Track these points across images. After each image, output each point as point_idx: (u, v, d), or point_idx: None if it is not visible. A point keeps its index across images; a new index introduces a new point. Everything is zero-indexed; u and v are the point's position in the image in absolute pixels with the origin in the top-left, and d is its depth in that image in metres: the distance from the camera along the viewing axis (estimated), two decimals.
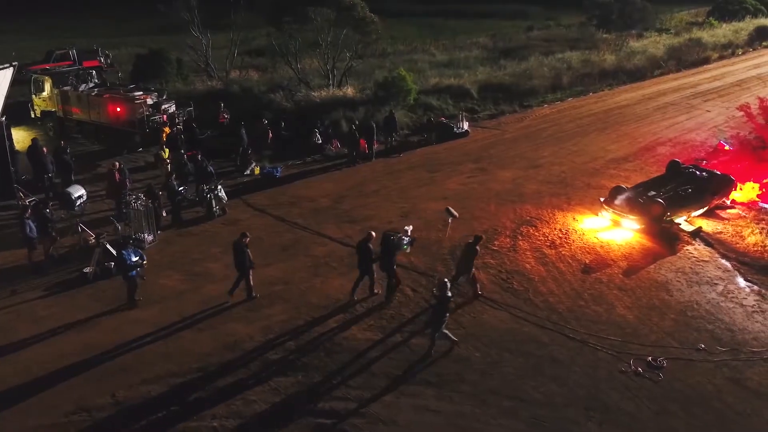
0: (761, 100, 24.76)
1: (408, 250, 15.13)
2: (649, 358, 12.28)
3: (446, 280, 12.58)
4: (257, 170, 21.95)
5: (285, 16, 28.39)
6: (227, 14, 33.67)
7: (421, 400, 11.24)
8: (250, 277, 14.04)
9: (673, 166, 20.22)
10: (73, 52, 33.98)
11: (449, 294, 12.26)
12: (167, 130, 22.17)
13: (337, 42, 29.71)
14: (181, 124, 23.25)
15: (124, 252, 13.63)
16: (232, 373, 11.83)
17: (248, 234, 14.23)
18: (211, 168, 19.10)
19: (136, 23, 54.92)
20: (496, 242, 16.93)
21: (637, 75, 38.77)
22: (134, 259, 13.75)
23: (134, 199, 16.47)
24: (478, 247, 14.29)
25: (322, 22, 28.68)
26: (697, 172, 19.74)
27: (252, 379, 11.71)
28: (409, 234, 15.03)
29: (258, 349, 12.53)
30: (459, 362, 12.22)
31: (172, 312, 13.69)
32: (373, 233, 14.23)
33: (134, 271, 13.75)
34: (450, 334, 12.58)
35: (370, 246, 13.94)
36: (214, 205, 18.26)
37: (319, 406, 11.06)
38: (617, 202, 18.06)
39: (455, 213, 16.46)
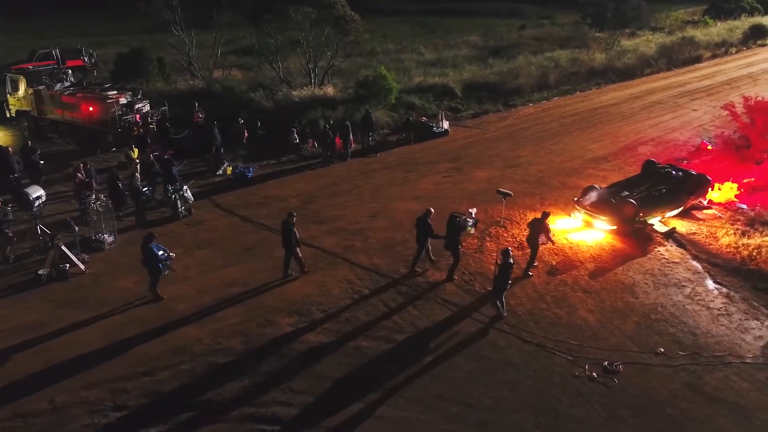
0: (746, 98, 24.43)
1: (473, 231, 15.71)
2: (605, 363, 11.98)
3: (509, 248, 13.27)
4: (229, 170, 21.70)
5: (264, 15, 28.09)
6: (220, 14, 33.45)
7: (366, 405, 10.96)
8: (299, 253, 14.72)
9: (649, 166, 19.91)
10: (56, 52, 33.54)
11: (511, 261, 12.88)
12: (139, 129, 21.90)
13: (319, 41, 29.42)
14: (154, 123, 23.00)
15: (152, 246, 13.69)
16: (177, 378, 11.58)
17: (295, 213, 14.85)
18: (175, 169, 18.78)
19: (129, 23, 54.70)
20: (463, 243, 16.55)
21: (626, 74, 38.48)
22: (160, 253, 13.83)
23: (93, 200, 16.20)
24: (547, 222, 14.96)
25: (303, 20, 28.39)
26: (673, 172, 19.42)
27: (196, 384, 11.44)
28: (473, 216, 15.44)
29: (206, 352, 12.27)
30: (409, 366, 11.94)
31: (125, 314, 13.46)
32: (432, 209, 14.93)
33: (161, 264, 13.83)
34: (504, 305, 13.24)
35: (429, 221, 14.58)
36: (179, 206, 18.00)
37: (261, 411, 10.80)
38: (589, 202, 17.78)
39: (508, 191, 16.28)
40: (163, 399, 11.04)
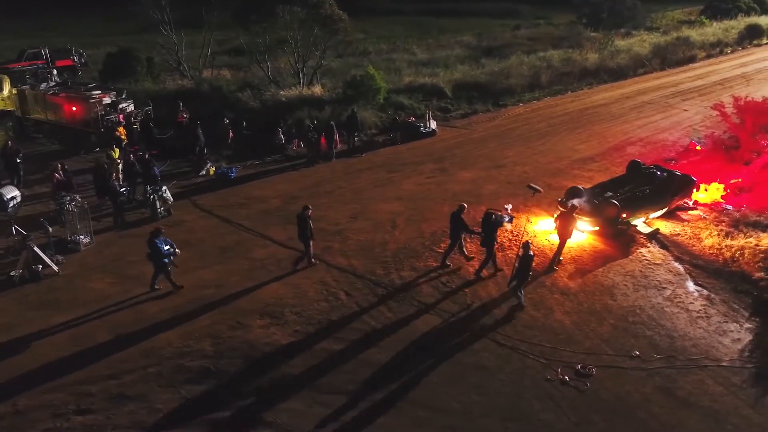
0: (735, 98, 24.25)
1: (509, 227, 16.16)
2: (579, 366, 11.81)
3: (529, 241, 13.68)
4: (212, 171, 21.55)
5: (251, 15, 27.94)
6: (209, 14, 33.29)
7: (332, 409, 10.80)
8: (311, 247, 15.04)
9: (633, 167, 19.72)
10: (45, 51, 33.64)
11: (531, 253, 13.31)
12: (121, 129, 21.77)
13: (307, 41, 29.27)
14: (137, 123, 22.87)
15: (156, 241, 13.63)
16: (143, 381, 11.42)
17: (310, 207, 15.29)
18: (156, 169, 18.64)
19: (127, 23, 54.53)
20: (442, 245, 16.44)
21: (619, 74, 38.30)
22: (166, 248, 13.81)
23: (69, 200, 16.06)
24: (575, 214, 15.35)
25: (291, 20, 28.23)
26: (658, 173, 19.22)
27: (162, 387, 11.30)
28: (509, 212, 15.85)
29: (175, 355, 12.12)
30: (381, 370, 11.78)
31: (95, 316, 13.32)
32: (465, 204, 15.20)
33: (166, 259, 13.85)
34: (523, 296, 13.54)
35: (462, 217, 14.88)
36: (158, 206, 17.86)
37: (225, 415, 10.63)
38: (572, 203, 17.57)
39: (538, 188, 16.56)
40: (125, 401, 10.88)
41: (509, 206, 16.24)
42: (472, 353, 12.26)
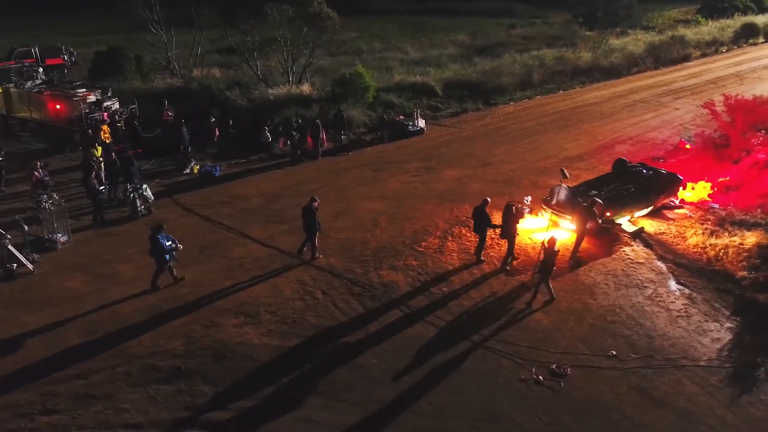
0: (726, 97, 24.09)
1: (527, 214, 16.32)
2: (554, 366, 11.65)
3: (555, 237, 13.66)
4: (196, 169, 21.39)
5: (239, 13, 27.78)
6: (200, 12, 33.15)
7: (304, 410, 10.66)
8: (316, 240, 15.21)
9: (619, 165, 19.56)
10: (35, 50, 33.53)
11: (557, 249, 13.46)
12: (105, 128, 21.63)
13: (296, 39, 29.11)
14: (122, 121, 22.74)
15: (158, 236, 13.58)
16: (111, 380, 11.28)
17: (317, 198, 15.30)
18: (137, 167, 18.49)
19: (116, 21, 54.44)
20: (423, 243, 16.33)
21: (612, 72, 38.10)
22: (168, 244, 13.73)
23: (46, 199, 15.91)
24: (595, 209, 15.49)
25: (280, 18, 28.07)
26: (643, 171, 19.06)
27: (130, 386, 11.15)
28: (528, 203, 16.12)
29: (145, 355, 11.97)
30: (353, 370, 11.64)
31: (66, 315, 13.17)
32: (488, 199, 15.48)
33: (168, 256, 13.75)
34: (551, 288, 13.69)
35: (486, 211, 15.06)
36: (138, 205, 17.71)
37: (193, 416, 10.48)
38: (556, 201, 17.42)
39: (567, 174, 16.99)
40: (92, 401, 10.73)
41: (528, 198, 16.45)
42: (447, 353, 12.10)
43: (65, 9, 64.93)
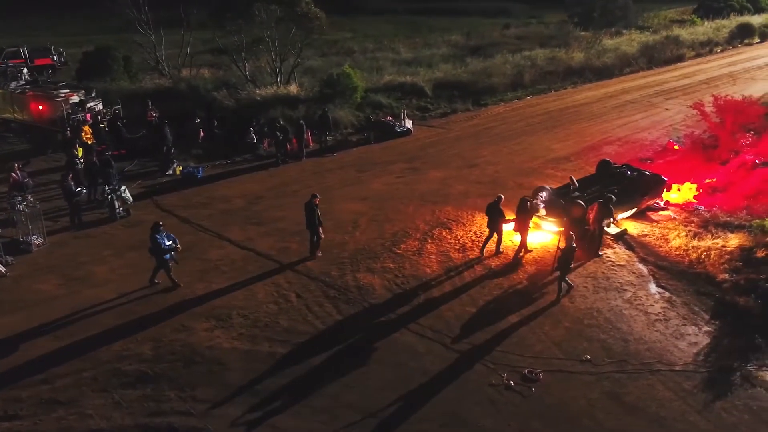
0: (715, 97, 23.90)
1: (544, 214, 16.31)
2: (525, 371, 11.47)
3: (572, 233, 13.97)
4: (179, 170, 21.24)
5: (227, 13, 27.63)
6: (188, 13, 33.02)
7: (269, 415, 10.50)
8: (318, 235, 15.29)
9: (603, 166, 19.38)
10: (24, 50, 33.41)
11: (574, 245, 13.65)
12: (87, 128, 21.48)
13: (284, 39, 28.97)
14: (105, 122, 22.61)
15: (157, 236, 13.45)
16: (76, 385, 11.11)
17: (318, 195, 15.38)
18: (112, 169, 18.33)
19: (108, 21, 54.33)
20: (402, 245, 16.16)
21: (604, 73, 37.95)
22: (167, 243, 13.59)
23: (20, 201, 15.76)
24: (611, 206, 15.52)
25: (268, 18, 27.92)
26: (628, 172, 18.88)
27: (96, 392, 10.99)
28: (544, 198, 16.27)
29: (113, 359, 11.81)
30: (322, 374, 11.46)
31: (36, 319, 13.01)
32: (502, 195, 15.57)
33: (168, 255, 13.65)
34: (569, 282, 13.94)
35: (500, 208, 15.23)
36: (117, 207, 17.56)
37: (157, 421, 10.33)
38: (537, 203, 17.23)
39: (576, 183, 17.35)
40: (55, 406, 10.58)
41: (544, 193, 16.45)
42: (418, 357, 11.94)
43: (63, 8, 64.71)
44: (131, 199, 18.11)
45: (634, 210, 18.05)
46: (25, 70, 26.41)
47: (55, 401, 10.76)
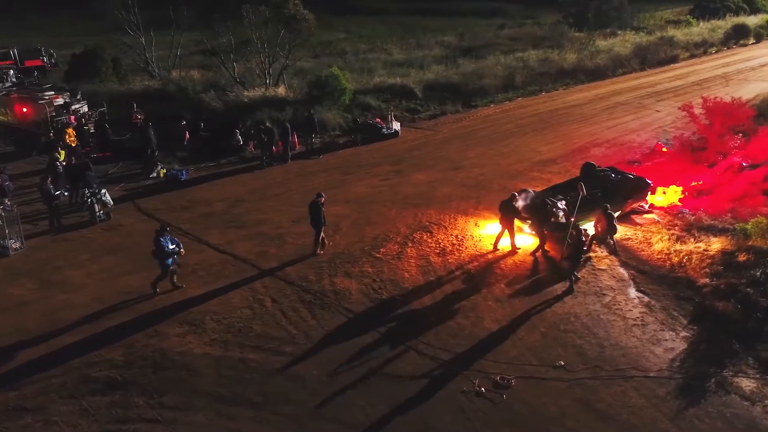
0: (704, 99, 23.78)
1: (561, 215, 16.37)
2: (498, 377, 11.37)
3: (582, 228, 14.36)
4: (162, 173, 21.14)
5: (215, 14, 27.54)
6: (178, 14, 32.93)
7: (236, 422, 10.40)
8: (321, 234, 15.53)
9: (587, 169, 19.26)
10: (14, 52, 33.33)
11: (584, 239, 14.03)
12: (71, 131, 21.39)
13: (273, 41, 28.88)
14: (89, 125, 22.52)
15: (161, 239, 13.38)
16: (45, 392, 11.02)
17: (323, 194, 15.66)
18: (90, 172, 18.24)
19: (102, 22, 54.29)
20: (382, 249, 16.06)
21: (596, 74, 37.85)
22: (171, 247, 13.55)
23: None
24: (610, 212, 15.75)
25: (257, 20, 27.83)
26: (612, 175, 18.78)
27: (64, 398, 10.89)
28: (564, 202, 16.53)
29: (83, 365, 11.72)
30: (293, 380, 11.38)
31: (8, 324, 12.92)
32: (517, 194, 15.90)
33: (170, 259, 13.60)
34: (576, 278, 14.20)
35: (515, 205, 15.59)
36: (97, 210, 17.47)
37: (123, 428, 10.23)
38: (520, 206, 17.12)
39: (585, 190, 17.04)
40: (21, 412, 10.49)
41: (562, 202, 16.52)
42: (390, 363, 11.83)
43: (47, 8, 64.58)
44: (112, 203, 18.02)
45: (617, 213, 17.91)
46: (11, 72, 26.27)
47: (22, 408, 10.67)
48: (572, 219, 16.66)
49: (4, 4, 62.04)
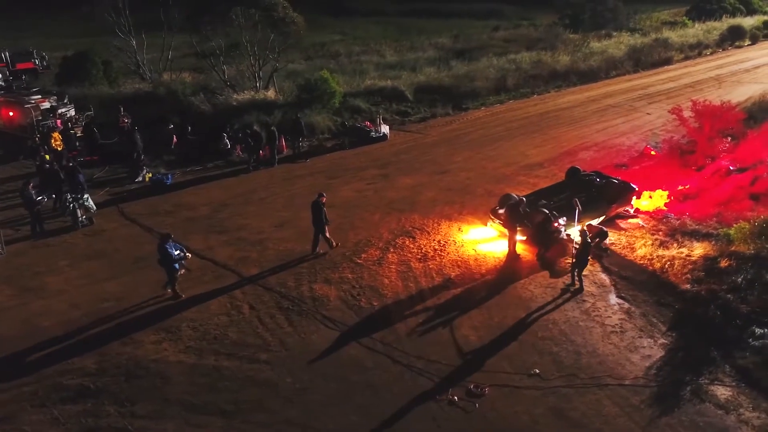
0: (694, 102, 23.72)
1: (564, 224, 16.37)
2: (471, 385, 11.31)
3: (584, 229, 14.53)
4: (148, 177, 21.09)
5: (204, 17, 27.50)
6: (169, 16, 32.89)
7: (204, 430, 10.34)
8: (326, 232, 15.71)
9: (572, 173, 19.22)
10: (5, 54, 33.24)
11: (589, 240, 14.23)
12: (56, 135, 21.34)
13: (263, 43, 28.83)
14: (77, 128, 22.47)
15: (166, 246, 13.42)
16: (16, 400, 10.97)
17: (324, 194, 15.86)
18: (80, 177, 18.18)
19: (93, 24, 54.20)
20: (363, 255, 16.01)
21: (589, 76, 37.76)
22: (176, 252, 13.56)
23: None
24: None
25: (245, 22, 27.79)
26: (597, 180, 18.72)
27: (35, 407, 10.84)
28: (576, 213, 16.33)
29: (55, 373, 11.67)
30: (265, 388, 11.33)
31: None
32: (524, 198, 16.18)
33: (176, 264, 13.62)
34: (582, 280, 14.45)
35: (520, 209, 15.77)
36: (79, 215, 17.42)
37: None
38: (502, 211, 17.09)
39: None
40: None
41: (564, 220, 16.32)
42: (364, 370, 11.78)
43: (52, 8, 64.51)
44: (94, 208, 17.98)
45: (602, 218, 17.87)
46: (0, 76, 26.23)
47: None
48: (582, 225, 16.62)
49: (6, 5, 61.92)
